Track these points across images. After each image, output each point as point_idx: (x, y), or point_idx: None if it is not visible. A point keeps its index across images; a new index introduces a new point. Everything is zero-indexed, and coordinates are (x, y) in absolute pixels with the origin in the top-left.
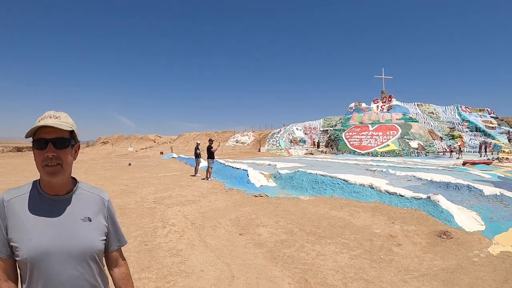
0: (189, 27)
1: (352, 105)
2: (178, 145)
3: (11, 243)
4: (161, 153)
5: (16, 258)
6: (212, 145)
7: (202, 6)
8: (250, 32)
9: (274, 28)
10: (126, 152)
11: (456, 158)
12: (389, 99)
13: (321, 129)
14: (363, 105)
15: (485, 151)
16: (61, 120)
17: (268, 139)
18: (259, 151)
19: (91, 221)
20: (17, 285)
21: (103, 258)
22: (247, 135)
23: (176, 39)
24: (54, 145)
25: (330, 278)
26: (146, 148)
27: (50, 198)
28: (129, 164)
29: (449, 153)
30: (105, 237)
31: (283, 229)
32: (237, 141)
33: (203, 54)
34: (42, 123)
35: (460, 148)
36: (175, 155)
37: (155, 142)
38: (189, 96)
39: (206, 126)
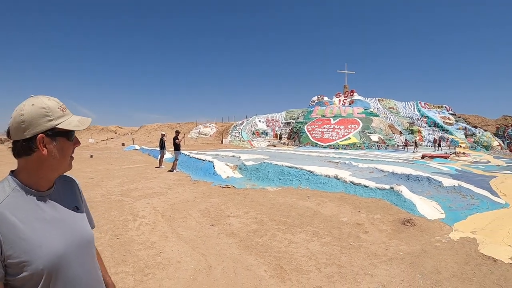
0: (150, 17)
1: (315, 98)
2: (140, 137)
3: (12, 260)
4: (123, 144)
5: (24, 274)
6: (178, 136)
7: None
8: (212, 24)
9: (236, 22)
10: (86, 144)
11: (412, 152)
12: (351, 93)
13: (284, 121)
14: (326, 98)
15: (439, 146)
16: None
17: (230, 131)
18: (222, 142)
19: (78, 209)
20: None
21: None
22: (209, 126)
23: (136, 27)
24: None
25: (304, 264)
26: (107, 139)
27: (41, 195)
28: (91, 156)
29: (405, 147)
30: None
31: (254, 219)
32: (199, 133)
33: (163, 44)
34: (70, 115)
35: (416, 142)
36: (137, 147)
37: (116, 133)
38: (151, 86)
39: (168, 117)
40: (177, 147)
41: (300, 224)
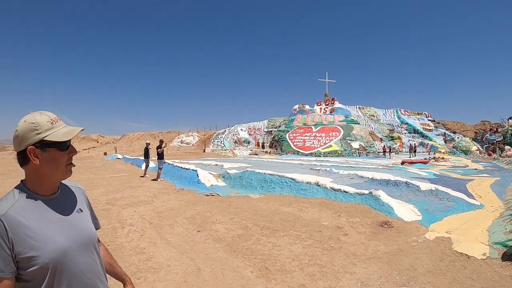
0: (131, 23)
1: (296, 107)
2: (122, 145)
3: (22, 256)
4: (105, 153)
5: (32, 268)
6: (162, 145)
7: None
8: (193, 33)
9: (219, 32)
10: None
11: (388, 158)
12: (332, 101)
13: (265, 130)
14: (307, 107)
15: (414, 152)
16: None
17: (213, 140)
18: (204, 151)
19: (82, 211)
20: None
21: None
22: (192, 135)
23: (117, 36)
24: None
25: (287, 265)
26: (89, 148)
27: (46, 199)
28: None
29: (383, 153)
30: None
31: (238, 225)
32: (182, 142)
33: (145, 52)
34: (61, 126)
35: (390, 148)
36: (119, 156)
37: (98, 142)
38: (133, 95)
39: (150, 126)
40: (160, 156)
41: (283, 229)
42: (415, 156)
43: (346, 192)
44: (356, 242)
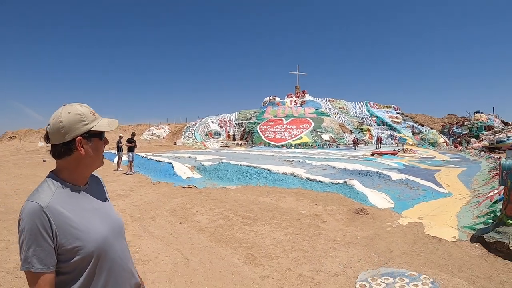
0: (100, 13)
1: (267, 99)
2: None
3: (66, 247)
4: None
5: (76, 258)
6: (133, 139)
7: None
8: (162, 24)
9: (188, 22)
10: (36, 148)
11: (356, 150)
12: (303, 94)
13: (236, 122)
14: (278, 99)
15: (380, 143)
16: None
17: (183, 132)
18: (175, 144)
19: (108, 200)
20: None
21: None
22: (162, 128)
23: (85, 25)
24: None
25: (272, 251)
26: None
27: (81, 189)
28: (44, 161)
29: (353, 145)
30: None
31: (219, 215)
32: (152, 134)
33: (113, 42)
34: (99, 118)
35: (357, 140)
36: None
37: None
38: (100, 86)
39: (119, 119)
40: (131, 149)
41: (263, 218)
42: (380, 147)
43: (322, 182)
44: (335, 228)
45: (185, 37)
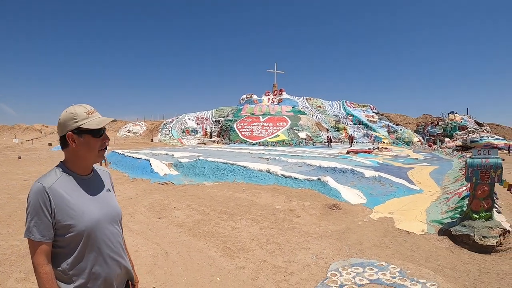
0: (77, 6)
1: (244, 96)
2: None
3: (61, 223)
4: (50, 144)
5: (69, 235)
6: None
7: None
8: (139, 20)
9: (165, 18)
10: (11, 144)
11: (329, 148)
12: (280, 92)
13: (213, 119)
14: (255, 97)
15: (352, 142)
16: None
17: (160, 129)
18: (152, 141)
19: (110, 191)
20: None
21: None
22: (139, 124)
23: (59, 18)
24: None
25: (248, 244)
26: (32, 139)
27: (82, 178)
28: (19, 158)
29: (327, 143)
30: None
31: (197, 211)
32: (129, 131)
33: (90, 36)
34: (96, 116)
35: (331, 138)
36: None
37: (41, 132)
38: (75, 81)
39: None
40: None
41: (239, 213)
42: (353, 146)
43: (296, 178)
44: (308, 222)
45: (162, 33)
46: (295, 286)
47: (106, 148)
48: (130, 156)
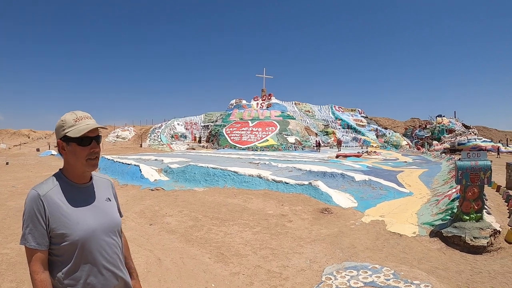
0: (61, 9)
1: (233, 101)
2: (55, 141)
3: (55, 232)
4: (38, 150)
5: (64, 244)
6: None
7: None
8: (128, 27)
9: (154, 22)
10: None
11: (318, 152)
12: (269, 97)
13: (202, 124)
14: (244, 102)
15: (340, 145)
16: (93, 120)
17: (149, 134)
18: (141, 146)
19: (110, 201)
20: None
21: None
22: (128, 130)
23: (46, 23)
24: (96, 142)
25: (241, 250)
26: (20, 144)
27: (80, 187)
28: (7, 163)
29: (316, 148)
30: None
31: (188, 217)
32: (117, 136)
33: (76, 44)
34: (84, 123)
35: (319, 143)
36: (54, 152)
37: (29, 137)
38: (65, 87)
39: None
40: None
41: (231, 218)
42: (340, 150)
43: (287, 183)
44: (301, 227)
45: (151, 37)
46: None
47: (96, 158)
48: (119, 162)
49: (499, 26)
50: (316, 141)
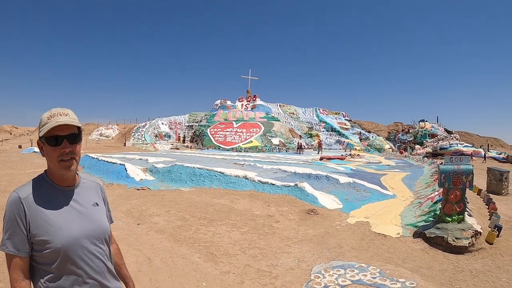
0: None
1: (218, 102)
2: (38, 138)
3: (37, 238)
4: (20, 146)
5: (46, 251)
6: None
7: None
8: (113, 26)
9: (139, 21)
10: None
11: (300, 154)
12: (254, 98)
13: (186, 124)
14: (229, 102)
15: (320, 148)
16: (70, 117)
17: (133, 133)
18: (125, 145)
19: (98, 205)
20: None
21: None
22: (111, 128)
23: (29, 18)
24: (68, 141)
25: (230, 249)
26: (1, 141)
27: (63, 190)
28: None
29: (297, 150)
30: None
31: (176, 216)
32: (101, 135)
33: (60, 41)
34: (55, 121)
35: (301, 145)
36: (36, 149)
37: (11, 133)
38: (47, 83)
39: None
40: None
41: (219, 219)
42: (321, 152)
43: (273, 184)
44: (288, 227)
45: (136, 36)
46: None
47: (70, 159)
48: (104, 161)
49: (483, 33)
50: (298, 143)
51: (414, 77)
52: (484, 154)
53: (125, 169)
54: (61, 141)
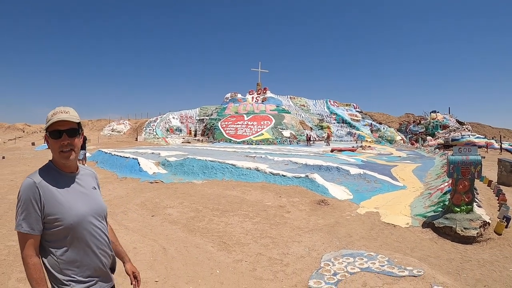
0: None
1: (228, 95)
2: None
3: (50, 217)
4: (33, 143)
5: (57, 228)
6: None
7: None
8: (123, 21)
9: (150, 16)
10: None
11: (308, 146)
12: (264, 91)
13: (197, 118)
14: (239, 95)
15: (328, 139)
16: (70, 114)
17: (144, 128)
18: (136, 140)
19: (96, 189)
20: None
21: None
22: (123, 123)
23: (40, 16)
24: (67, 135)
25: (242, 239)
26: (15, 138)
27: (68, 175)
28: (3, 158)
29: (307, 142)
30: None
31: (189, 208)
32: (113, 130)
33: (73, 34)
34: (56, 117)
35: (310, 137)
36: None
37: (24, 131)
38: (59, 81)
39: (79, 114)
40: (82, 146)
41: (231, 210)
42: (328, 144)
43: (284, 176)
44: (298, 217)
45: (146, 31)
46: (291, 276)
47: (69, 150)
48: (117, 155)
49: (494, 23)
50: (307, 135)
51: (426, 68)
52: (501, 146)
53: (138, 163)
54: (61, 135)
